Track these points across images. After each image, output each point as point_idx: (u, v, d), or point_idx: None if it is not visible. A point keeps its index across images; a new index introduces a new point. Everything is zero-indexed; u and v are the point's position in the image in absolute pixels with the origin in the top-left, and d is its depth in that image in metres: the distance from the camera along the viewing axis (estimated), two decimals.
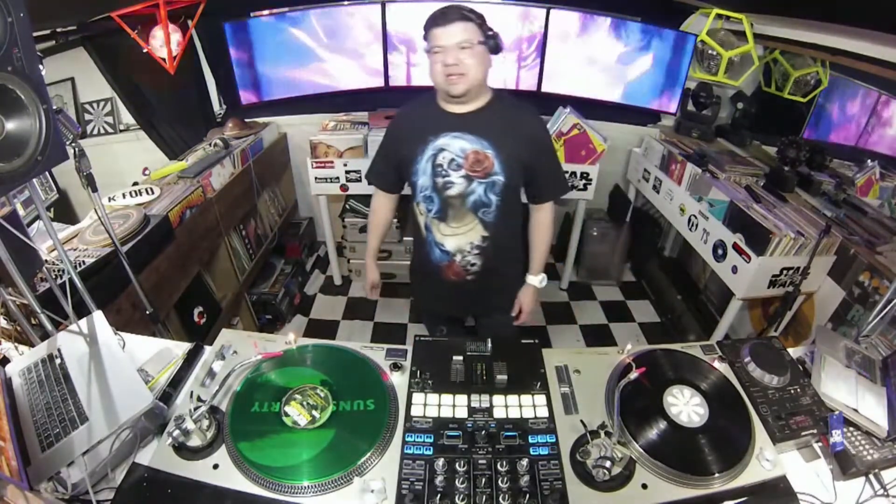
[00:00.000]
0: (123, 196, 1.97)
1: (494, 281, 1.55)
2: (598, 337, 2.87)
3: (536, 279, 1.57)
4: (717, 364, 1.11)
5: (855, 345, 1.22)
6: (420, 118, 1.43)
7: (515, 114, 1.40)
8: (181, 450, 0.89)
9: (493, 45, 1.33)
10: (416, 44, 2.65)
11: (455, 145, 1.36)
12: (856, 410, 1.03)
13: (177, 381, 1.10)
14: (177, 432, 0.87)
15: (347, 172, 2.65)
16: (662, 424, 0.94)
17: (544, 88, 2.84)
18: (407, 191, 1.54)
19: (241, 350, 1.11)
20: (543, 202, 1.52)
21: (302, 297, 3.07)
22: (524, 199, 1.53)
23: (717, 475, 0.88)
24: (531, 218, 1.56)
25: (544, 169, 1.45)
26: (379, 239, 1.71)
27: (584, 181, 2.70)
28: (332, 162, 2.63)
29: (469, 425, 0.95)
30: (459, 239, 1.45)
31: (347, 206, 2.95)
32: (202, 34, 2.68)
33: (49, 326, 1.19)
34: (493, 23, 1.36)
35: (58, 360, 1.06)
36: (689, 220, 2.41)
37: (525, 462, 0.87)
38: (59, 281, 1.28)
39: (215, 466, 0.88)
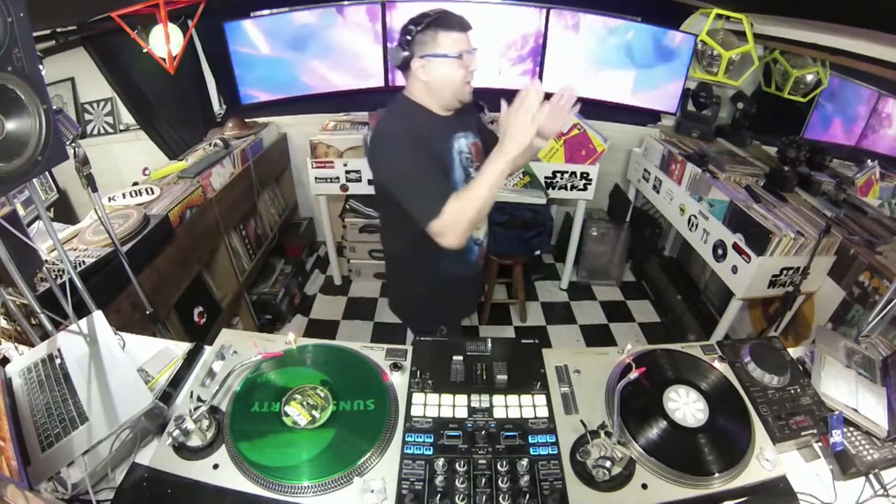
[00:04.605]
0: (123, 196, 1.97)
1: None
2: (598, 337, 2.87)
3: None
4: (717, 364, 1.10)
5: (855, 345, 1.22)
6: (427, 123, 1.34)
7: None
8: (181, 450, 0.89)
9: None
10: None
11: (463, 143, 1.39)
12: (856, 410, 1.03)
13: (177, 381, 1.09)
14: (177, 432, 0.87)
15: (347, 172, 2.65)
16: (662, 424, 0.94)
17: (544, 88, 2.83)
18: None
19: (241, 350, 1.11)
20: None
21: (302, 297, 3.07)
22: None
23: (717, 475, 0.88)
24: None
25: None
26: None
27: (584, 181, 2.70)
28: (332, 162, 2.63)
29: (469, 425, 0.94)
30: None
31: (347, 206, 2.95)
32: (202, 34, 2.68)
33: (49, 326, 1.19)
34: (493, 22, 1.35)
35: (58, 360, 1.06)
36: (689, 220, 2.41)
37: (525, 462, 0.87)
38: (59, 281, 1.28)
39: (215, 466, 0.88)
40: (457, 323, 1.83)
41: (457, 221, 1.17)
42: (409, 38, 1.25)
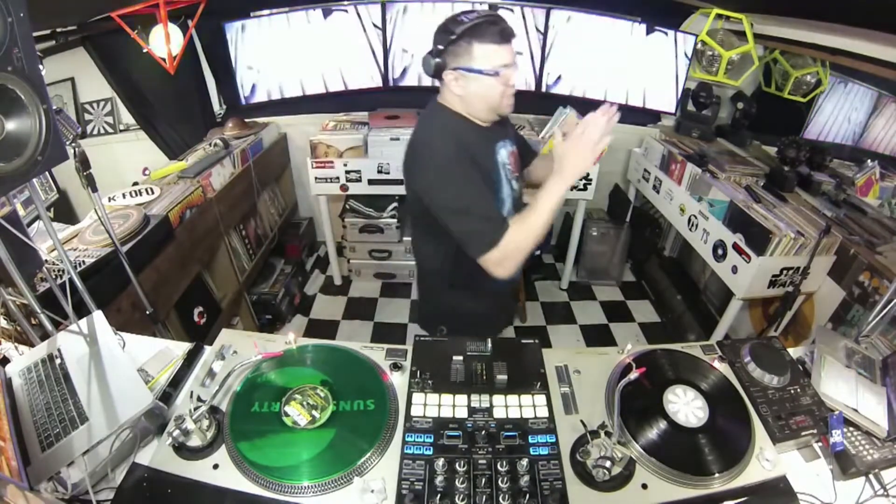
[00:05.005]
0: (123, 196, 1.97)
1: None
2: (598, 337, 2.87)
3: None
4: (717, 364, 1.11)
5: (855, 345, 1.22)
6: (470, 135, 1.23)
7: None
8: (181, 450, 0.89)
9: None
10: (417, 44, 2.67)
11: (504, 154, 1.31)
12: (856, 410, 1.03)
13: (177, 381, 1.09)
14: (177, 432, 0.87)
15: (347, 172, 2.65)
16: (662, 424, 0.94)
17: (544, 88, 2.84)
18: None
19: (241, 350, 1.11)
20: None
21: (302, 297, 3.07)
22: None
23: (717, 475, 0.88)
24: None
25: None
26: None
27: (584, 181, 2.69)
28: (332, 162, 2.63)
29: (469, 425, 0.94)
30: None
31: (347, 206, 2.95)
32: (202, 34, 2.68)
33: (49, 326, 1.19)
34: None
35: (58, 360, 1.06)
36: (689, 220, 2.41)
37: (525, 462, 0.87)
38: (59, 281, 1.28)
39: (215, 466, 0.88)
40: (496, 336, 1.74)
41: (517, 251, 1.12)
42: (440, 47, 1.14)
